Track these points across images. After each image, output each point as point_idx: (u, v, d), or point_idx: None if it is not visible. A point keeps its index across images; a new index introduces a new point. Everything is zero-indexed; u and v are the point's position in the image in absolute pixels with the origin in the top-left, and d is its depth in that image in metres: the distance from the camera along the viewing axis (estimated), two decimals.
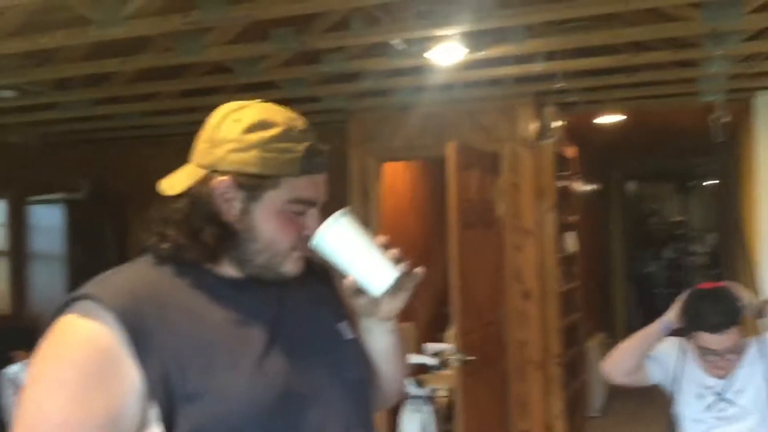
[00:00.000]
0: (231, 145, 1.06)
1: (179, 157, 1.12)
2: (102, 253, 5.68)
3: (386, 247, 1.11)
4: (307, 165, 1.07)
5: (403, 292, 1.15)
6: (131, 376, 0.96)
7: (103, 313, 0.97)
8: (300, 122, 1.11)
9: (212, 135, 1.09)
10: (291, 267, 1.12)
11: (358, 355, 1.19)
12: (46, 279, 5.52)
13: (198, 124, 1.14)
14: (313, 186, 1.10)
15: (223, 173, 1.05)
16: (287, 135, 1.07)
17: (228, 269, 1.10)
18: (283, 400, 1.02)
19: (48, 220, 5.51)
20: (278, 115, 1.10)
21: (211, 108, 1.14)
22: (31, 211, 5.58)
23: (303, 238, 1.10)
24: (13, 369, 2.64)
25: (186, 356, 0.99)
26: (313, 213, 1.12)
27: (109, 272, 1.06)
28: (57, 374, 0.96)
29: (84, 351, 0.96)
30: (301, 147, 1.07)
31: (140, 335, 0.97)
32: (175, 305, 1.02)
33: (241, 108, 1.10)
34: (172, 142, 5.70)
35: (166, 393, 0.96)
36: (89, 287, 1.01)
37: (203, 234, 1.06)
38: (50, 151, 5.87)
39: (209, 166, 1.07)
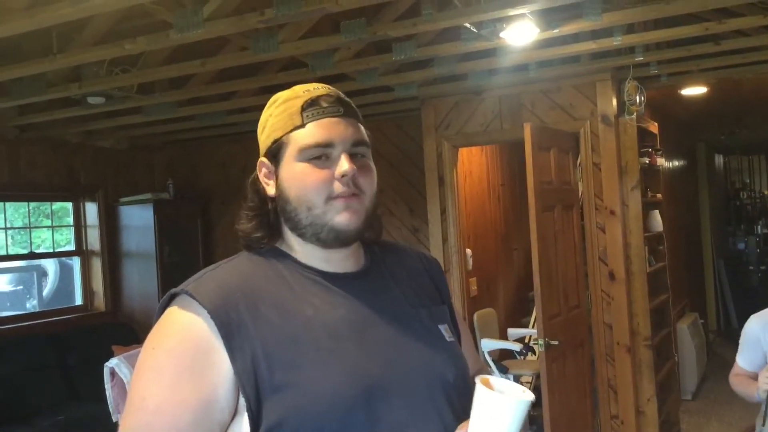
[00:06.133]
0: (260, 128, 1.16)
1: (258, 153, 1.16)
2: (190, 250, 5.89)
3: None
4: (308, 113, 1.10)
5: None
6: (224, 366, 1.00)
7: (198, 307, 1.02)
8: (321, 89, 1.13)
9: (260, 126, 1.18)
10: (339, 218, 1.09)
11: (457, 358, 1.16)
12: (139, 277, 5.74)
13: None
14: (321, 130, 1.09)
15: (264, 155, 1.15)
16: (291, 97, 1.13)
17: (319, 261, 1.13)
18: (368, 396, 1.02)
19: (138, 221, 5.72)
20: (299, 87, 1.15)
21: None
22: (122, 212, 5.79)
23: (337, 183, 1.08)
24: (112, 361, 2.77)
25: (274, 350, 1.01)
26: (337, 156, 1.09)
27: (209, 268, 1.11)
28: (155, 363, 1.01)
29: (179, 341, 1.02)
30: (300, 100, 1.11)
31: (231, 329, 1.01)
32: (266, 300, 1.05)
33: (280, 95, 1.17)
34: (252, 139, 5.85)
35: (254, 384, 0.99)
36: (189, 283, 1.06)
37: (265, 215, 1.14)
38: (138, 153, 6.12)
39: (262, 154, 1.16)
